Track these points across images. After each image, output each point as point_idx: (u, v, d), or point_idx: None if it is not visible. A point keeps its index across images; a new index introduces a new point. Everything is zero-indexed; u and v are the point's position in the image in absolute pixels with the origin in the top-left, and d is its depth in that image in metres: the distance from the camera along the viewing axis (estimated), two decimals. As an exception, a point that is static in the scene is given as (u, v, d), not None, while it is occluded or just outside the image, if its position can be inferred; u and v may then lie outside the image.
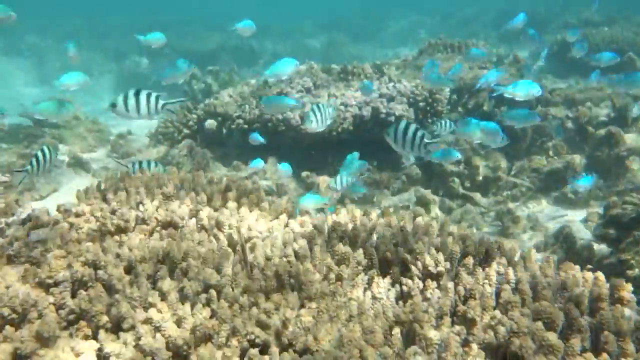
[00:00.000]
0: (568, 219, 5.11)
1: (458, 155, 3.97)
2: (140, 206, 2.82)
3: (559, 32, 11.61)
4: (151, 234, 2.71)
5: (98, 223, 2.74)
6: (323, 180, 5.33)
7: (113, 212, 2.79)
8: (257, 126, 6.24)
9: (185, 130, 6.85)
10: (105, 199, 2.94)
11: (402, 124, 2.82)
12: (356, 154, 4.15)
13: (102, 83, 16.43)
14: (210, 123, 6.77)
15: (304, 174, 5.57)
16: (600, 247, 4.03)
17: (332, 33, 17.56)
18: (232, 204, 2.85)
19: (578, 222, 4.98)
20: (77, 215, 2.80)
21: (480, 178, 5.69)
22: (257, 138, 5.42)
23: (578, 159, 5.79)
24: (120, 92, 2.91)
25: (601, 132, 5.60)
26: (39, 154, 3.42)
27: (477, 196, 5.67)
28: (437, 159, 4.51)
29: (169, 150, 6.50)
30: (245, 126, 6.30)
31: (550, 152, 6.12)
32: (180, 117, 6.87)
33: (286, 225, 2.83)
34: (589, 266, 4.14)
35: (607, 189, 5.34)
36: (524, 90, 3.84)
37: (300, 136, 6.10)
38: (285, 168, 4.61)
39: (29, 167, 3.43)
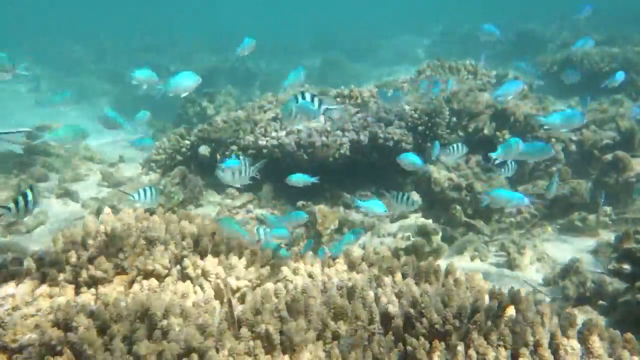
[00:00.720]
0: (576, 248, 4.88)
1: (526, 202, 3.81)
2: (121, 253, 2.59)
3: (559, 51, 11.49)
4: (131, 284, 2.48)
5: (74, 273, 2.52)
6: (320, 210, 5.10)
7: (90, 260, 2.56)
8: (252, 152, 6.03)
9: (178, 157, 6.64)
10: (84, 244, 2.71)
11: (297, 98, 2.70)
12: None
13: (99, 105, 16.28)
14: (204, 149, 6.57)
15: (300, 203, 5.35)
16: (613, 282, 3.80)
17: (327, 52, 17.45)
18: (221, 249, 2.62)
19: (586, 253, 4.75)
20: (52, 264, 2.57)
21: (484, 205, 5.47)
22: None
23: (584, 185, 5.58)
24: None
25: (608, 157, 5.39)
26: (20, 198, 3.20)
27: (480, 224, 5.44)
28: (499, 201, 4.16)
29: (161, 178, 6.28)
30: (240, 152, 6.09)
31: (556, 177, 5.90)
32: (173, 143, 6.67)
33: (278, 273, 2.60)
34: (602, 301, 3.92)
35: (616, 216, 5.12)
36: (567, 120, 3.63)
37: (296, 163, 5.89)
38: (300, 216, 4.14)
39: (11, 204, 3.21)
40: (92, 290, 2.39)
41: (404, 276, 2.46)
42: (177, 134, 6.72)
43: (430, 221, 5.04)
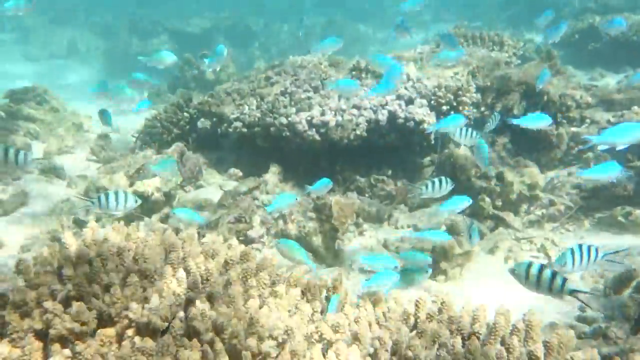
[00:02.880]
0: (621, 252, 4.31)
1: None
2: (107, 295, 1.97)
3: (578, 17, 10.69)
4: (119, 341, 1.87)
5: (46, 320, 1.90)
6: (336, 202, 4.47)
7: (67, 302, 1.94)
8: (258, 130, 5.36)
9: (176, 131, 5.95)
10: (60, 276, 2.08)
11: None
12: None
13: (89, 62, 15.37)
14: (204, 122, 5.89)
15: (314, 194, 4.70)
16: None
17: (331, 12, 16.49)
18: (236, 290, 2.00)
19: (637, 255, 4.19)
20: (16, 305, 1.95)
21: (515, 196, 4.87)
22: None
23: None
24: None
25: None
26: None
27: (510, 217, 4.85)
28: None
29: (156, 155, 5.61)
30: (245, 130, 5.41)
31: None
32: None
33: (311, 321, 1.99)
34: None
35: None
36: None
37: (307, 143, 5.24)
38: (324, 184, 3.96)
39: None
40: (66, 352, 1.78)
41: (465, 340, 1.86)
42: (174, 105, 6.02)
43: (460, 218, 4.43)
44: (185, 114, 5.92)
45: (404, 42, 6.39)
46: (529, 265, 2.31)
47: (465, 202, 3.53)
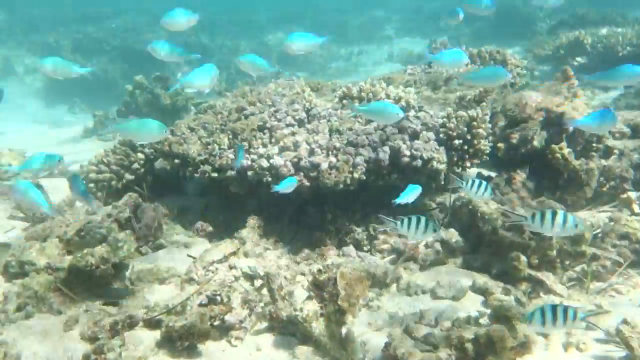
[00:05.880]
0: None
1: None
2: None
3: (554, 30, 10.01)
4: None
5: None
6: (342, 275, 3.35)
7: None
8: (232, 174, 4.20)
9: (128, 176, 4.71)
10: None
11: None
12: None
13: (28, 83, 13.78)
14: (163, 162, 4.68)
15: (303, 254, 3.53)
16: None
17: (289, 28, 15.44)
18: None
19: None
20: None
21: (554, 253, 3.87)
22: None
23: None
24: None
25: None
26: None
27: (550, 278, 3.84)
28: None
29: (103, 208, 4.36)
30: (215, 174, 4.24)
31: (635, 206, 4.38)
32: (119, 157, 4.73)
33: None
34: None
35: None
36: None
37: (294, 190, 4.11)
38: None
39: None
40: None
41: None
42: (125, 143, 4.77)
43: (510, 299, 3.37)
44: (140, 154, 4.69)
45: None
46: None
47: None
